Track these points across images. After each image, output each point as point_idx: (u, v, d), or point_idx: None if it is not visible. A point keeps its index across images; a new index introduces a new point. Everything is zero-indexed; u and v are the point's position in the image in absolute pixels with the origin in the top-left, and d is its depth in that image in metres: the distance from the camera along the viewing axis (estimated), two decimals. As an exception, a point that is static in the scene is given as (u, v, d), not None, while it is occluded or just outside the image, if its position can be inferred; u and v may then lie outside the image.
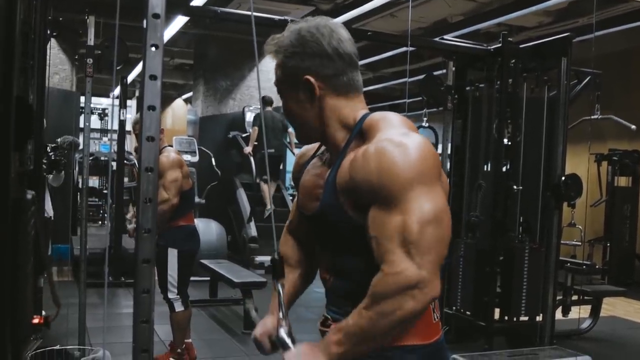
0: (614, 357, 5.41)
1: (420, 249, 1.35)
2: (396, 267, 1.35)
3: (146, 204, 1.57)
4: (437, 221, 1.38)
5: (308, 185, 1.67)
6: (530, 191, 5.32)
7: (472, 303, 5.34)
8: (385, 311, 1.36)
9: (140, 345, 1.58)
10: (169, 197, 4.25)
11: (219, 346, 5.27)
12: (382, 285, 1.37)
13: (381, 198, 1.40)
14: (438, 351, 1.56)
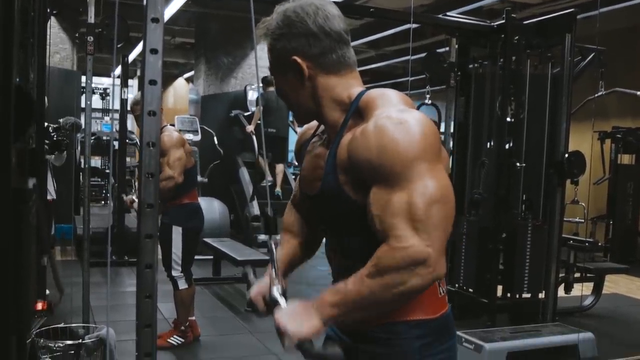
0: (616, 334, 5.42)
1: (428, 227, 1.34)
2: (404, 241, 1.34)
3: (148, 178, 1.56)
4: (443, 200, 1.37)
5: (309, 166, 1.66)
6: (533, 168, 5.31)
7: (474, 280, 5.35)
8: (389, 284, 1.35)
9: (144, 321, 1.58)
10: (173, 175, 4.24)
11: (223, 324, 5.30)
12: (388, 258, 1.35)
13: (383, 177, 1.39)
14: (444, 325, 1.56)
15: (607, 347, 4.82)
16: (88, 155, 4.37)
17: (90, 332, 3.73)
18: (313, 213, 1.72)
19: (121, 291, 6.12)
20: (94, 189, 11.49)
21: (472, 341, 4.38)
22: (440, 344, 1.54)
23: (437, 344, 1.53)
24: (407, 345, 1.50)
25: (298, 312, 1.44)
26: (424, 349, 1.51)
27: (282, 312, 1.46)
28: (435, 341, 1.52)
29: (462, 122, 5.63)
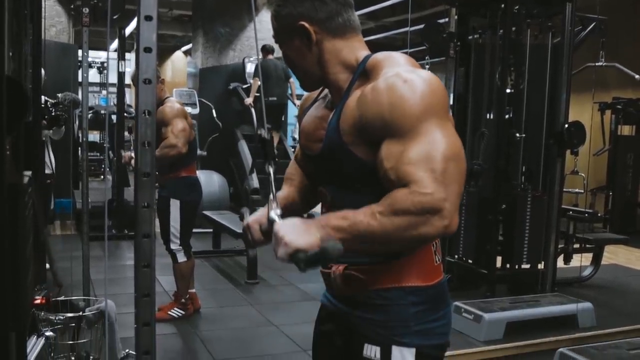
0: (615, 304, 5.44)
1: (445, 179, 1.32)
2: (424, 187, 1.31)
3: (145, 147, 1.55)
4: (457, 157, 1.37)
5: (310, 127, 1.65)
6: (533, 139, 5.30)
7: (474, 251, 5.36)
8: (401, 225, 1.32)
9: (142, 290, 1.57)
10: (176, 143, 4.20)
11: (223, 296, 5.32)
12: (406, 201, 1.31)
13: (395, 131, 1.37)
14: (440, 293, 1.56)
15: (605, 317, 4.84)
16: (86, 129, 4.34)
17: (91, 304, 3.74)
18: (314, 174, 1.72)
19: (121, 264, 6.14)
20: (93, 164, 11.48)
21: (471, 311, 4.41)
22: (436, 311, 1.54)
23: (432, 311, 1.53)
24: (402, 311, 1.51)
25: (299, 226, 1.38)
26: (420, 316, 1.51)
27: (282, 224, 1.40)
28: (430, 308, 1.53)
29: (461, 93, 5.59)
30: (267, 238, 1.59)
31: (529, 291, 5.19)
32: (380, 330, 1.52)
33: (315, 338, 1.77)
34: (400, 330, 1.51)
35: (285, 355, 3.93)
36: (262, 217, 1.62)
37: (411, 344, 1.50)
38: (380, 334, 1.52)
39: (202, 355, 3.94)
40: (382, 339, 1.51)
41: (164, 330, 4.20)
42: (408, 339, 1.50)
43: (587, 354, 3.66)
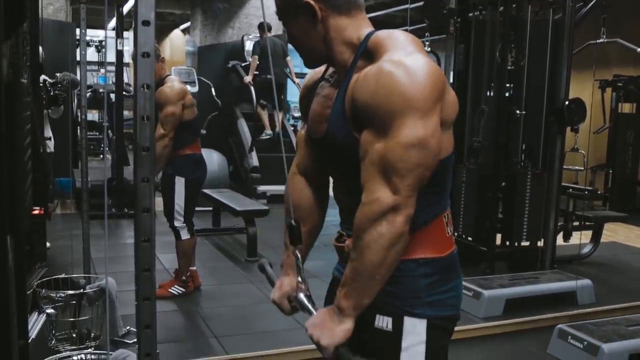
0: (614, 282, 5.46)
1: (399, 172, 1.35)
2: (372, 194, 1.38)
3: (144, 121, 1.54)
4: (421, 146, 1.36)
5: (317, 107, 1.64)
6: (533, 116, 5.28)
7: (474, 228, 5.37)
8: (368, 243, 1.39)
9: (142, 265, 1.57)
10: (163, 134, 4.19)
11: (223, 273, 5.33)
12: (359, 218, 1.40)
13: (374, 121, 1.39)
14: (451, 264, 1.57)
15: (604, 294, 4.86)
16: (85, 108, 4.32)
17: (91, 282, 3.75)
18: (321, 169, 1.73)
19: (121, 243, 6.15)
20: (92, 143, 11.44)
21: (471, 288, 4.43)
22: (447, 282, 1.55)
23: (444, 283, 1.54)
24: (415, 282, 1.51)
25: (325, 322, 1.48)
26: (432, 287, 1.52)
27: (312, 326, 1.50)
28: (442, 279, 1.54)
29: (461, 70, 5.57)
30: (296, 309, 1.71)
31: (528, 268, 5.21)
32: (392, 301, 1.52)
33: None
34: (412, 302, 1.51)
35: (285, 332, 3.94)
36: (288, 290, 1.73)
37: (423, 315, 1.51)
38: (392, 305, 1.52)
39: (203, 331, 3.96)
40: (394, 310, 1.52)
41: (165, 308, 4.21)
42: (420, 310, 1.51)
43: (585, 330, 3.68)
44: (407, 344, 1.51)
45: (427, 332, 1.52)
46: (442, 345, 1.59)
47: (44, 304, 3.47)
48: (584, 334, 3.63)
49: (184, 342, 3.79)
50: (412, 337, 1.51)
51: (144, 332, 1.60)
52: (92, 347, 3.45)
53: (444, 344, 1.59)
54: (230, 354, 3.53)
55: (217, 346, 3.72)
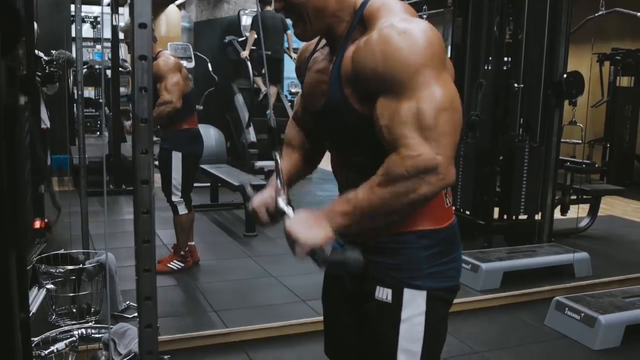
0: (611, 254, 5.49)
1: (437, 134, 1.32)
2: (414, 150, 1.32)
3: (141, 93, 1.53)
4: (451, 107, 1.35)
5: (312, 82, 1.63)
6: (531, 89, 5.26)
7: (471, 202, 5.38)
8: (400, 192, 1.34)
9: (142, 236, 1.57)
10: (171, 99, 4.19)
11: (222, 248, 5.35)
12: (398, 167, 1.33)
13: (389, 86, 1.36)
14: (451, 236, 1.57)
15: (601, 266, 4.89)
16: (81, 84, 4.29)
17: (90, 257, 3.76)
18: (317, 129, 1.71)
19: (120, 219, 6.16)
20: (89, 120, 11.40)
21: (469, 261, 4.45)
22: (447, 254, 1.55)
23: (444, 254, 1.55)
24: (415, 255, 1.52)
25: (309, 221, 1.42)
26: (432, 259, 1.52)
27: (292, 221, 1.44)
28: (442, 251, 1.54)
29: (459, 43, 5.54)
30: (275, 220, 1.64)
31: (526, 242, 5.23)
32: (392, 273, 1.53)
33: (326, 283, 1.79)
34: (412, 273, 1.52)
35: (284, 306, 3.97)
36: (267, 199, 1.64)
37: (423, 286, 1.52)
38: (392, 276, 1.53)
39: (202, 306, 3.98)
40: (394, 282, 1.53)
41: (164, 283, 4.23)
42: (420, 282, 1.52)
43: (582, 302, 3.71)
44: (407, 315, 1.52)
45: (426, 303, 1.52)
46: (442, 316, 1.60)
47: (43, 280, 3.48)
48: (581, 305, 3.65)
49: (184, 316, 3.82)
50: (412, 309, 1.52)
51: (144, 303, 1.61)
52: (92, 321, 3.46)
53: (443, 315, 1.60)
54: (229, 327, 3.56)
55: (216, 320, 3.74)
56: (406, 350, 1.54)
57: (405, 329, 1.53)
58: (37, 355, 2.56)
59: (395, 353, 1.54)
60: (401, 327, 1.52)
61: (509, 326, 3.79)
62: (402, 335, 1.53)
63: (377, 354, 1.60)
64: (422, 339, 1.54)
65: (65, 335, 2.81)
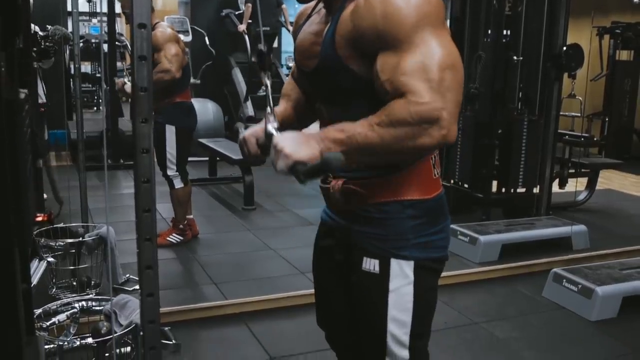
0: (609, 227, 5.51)
1: (442, 88, 1.31)
2: (420, 97, 1.30)
3: (141, 62, 1.52)
4: (454, 66, 1.35)
5: (305, 43, 1.62)
6: (530, 62, 5.24)
7: (470, 176, 5.38)
8: (399, 136, 1.32)
9: (142, 206, 1.57)
10: (170, 68, 4.16)
11: (221, 222, 5.36)
12: (403, 111, 1.31)
13: (390, 42, 1.35)
14: (438, 207, 1.57)
15: (599, 239, 4.91)
16: (78, 58, 4.27)
17: (90, 231, 3.77)
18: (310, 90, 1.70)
19: (118, 193, 6.16)
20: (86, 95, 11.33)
21: (467, 234, 4.46)
22: (434, 224, 1.55)
23: (430, 225, 1.54)
24: (400, 224, 1.52)
25: (298, 138, 1.39)
26: (418, 229, 1.52)
27: (282, 136, 1.40)
28: (429, 222, 1.54)
29: (458, 16, 5.50)
30: (264, 152, 1.59)
31: (524, 215, 5.25)
32: (379, 243, 1.53)
33: (315, 254, 1.79)
34: (399, 244, 1.52)
35: (283, 278, 3.99)
36: (258, 131, 1.60)
37: (410, 257, 1.52)
38: (379, 247, 1.53)
39: (202, 279, 4.00)
40: (381, 252, 1.53)
41: (163, 256, 4.24)
42: (407, 252, 1.52)
43: (580, 274, 3.73)
44: (395, 286, 1.53)
45: (414, 273, 1.53)
46: (431, 286, 1.60)
47: (43, 253, 3.50)
48: (578, 277, 3.68)
49: (183, 289, 3.84)
50: (400, 279, 1.53)
51: (145, 272, 1.61)
52: (92, 294, 3.48)
53: (432, 285, 1.61)
54: (229, 299, 3.57)
55: (215, 292, 3.76)
56: (396, 320, 1.55)
57: (394, 299, 1.53)
58: (38, 327, 2.58)
59: (385, 323, 1.55)
60: (390, 298, 1.53)
61: (507, 298, 3.81)
62: (391, 305, 1.53)
63: (367, 324, 1.61)
64: (411, 308, 1.54)
65: (66, 307, 2.82)
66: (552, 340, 3.27)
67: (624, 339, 3.27)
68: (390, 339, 1.56)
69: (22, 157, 1.31)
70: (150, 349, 1.67)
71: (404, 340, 1.56)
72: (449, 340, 3.18)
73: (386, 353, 1.58)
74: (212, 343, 3.12)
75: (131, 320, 2.48)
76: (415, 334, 1.57)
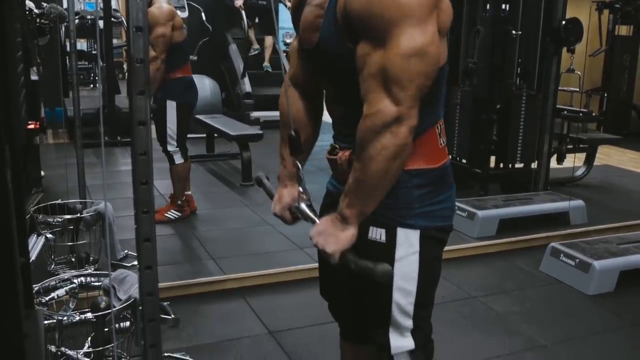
0: (606, 203, 5.52)
1: (400, 83, 1.33)
2: (373, 106, 1.36)
3: (137, 33, 1.50)
4: (421, 54, 1.34)
5: (309, 16, 1.60)
6: (529, 36, 5.20)
7: (468, 151, 5.37)
8: (372, 155, 1.37)
9: (139, 178, 1.57)
10: (155, 55, 4.13)
11: (219, 198, 5.36)
12: (362, 130, 1.38)
13: (369, 31, 1.37)
14: (444, 175, 1.57)
15: (597, 214, 4.93)
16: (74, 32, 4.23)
17: (88, 207, 3.76)
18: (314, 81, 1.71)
19: (116, 170, 6.14)
20: (82, 72, 11.28)
21: (465, 209, 4.47)
22: (440, 193, 1.56)
23: (437, 194, 1.55)
24: (407, 194, 1.52)
25: (329, 230, 1.48)
26: (424, 198, 1.53)
27: (316, 234, 1.50)
28: (434, 191, 1.54)
29: (457, -10, 5.46)
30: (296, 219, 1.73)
31: (522, 190, 5.25)
32: (385, 213, 1.53)
33: None
34: (405, 213, 1.53)
35: (281, 253, 4.00)
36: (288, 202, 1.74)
37: (416, 225, 1.53)
38: (385, 216, 1.53)
39: (200, 254, 4.01)
40: (387, 222, 1.54)
41: (162, 232, 4.25)
42: (412, 221, 1.53)
43: (577, 248, 3.74)
44: (401, 255, 1.54)
45: (420, 242, 1.54)
46: (436, 256, 1.61)
47: (41, 229, 3.49)
48: (576, 251, 3.69)
49: (182, 264, 3.84)
50: (406, 248, 1.53)
51: (143, 245, 1.61)
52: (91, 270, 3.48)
53: (437, 254, 1.62)
54: (227, 274, 3.58)
55: (214, 267, 3.77)
56: (401, 289, 1.55)
57: (400, 268, 1.54)
58: (38, 302, 2.58)
59: (391, 292, 1.56)
60: (396, 267, 1.53)
61: (505, 272, 3.83)
62: (397, 274, 1.54)
63: (372, 294, 1.61)
64: (416, 277, 1.55)
65: (65, 283, 2.82)
66: (549, 314, 3.29)
67: (620, 313, 3.29)
68: (395, 309, 1.57)
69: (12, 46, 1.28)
70: (149, 321, 1.67)
71: (409, 310, 1.57)
72: (448, 314, 3.19)
73: (390, 322, 1.58)
74: (211, 317, 3.14)
75: (130, 294, 2.48)
76: (420, 304, 1.58)
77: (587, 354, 2.87)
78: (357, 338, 1.81)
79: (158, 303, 1.73)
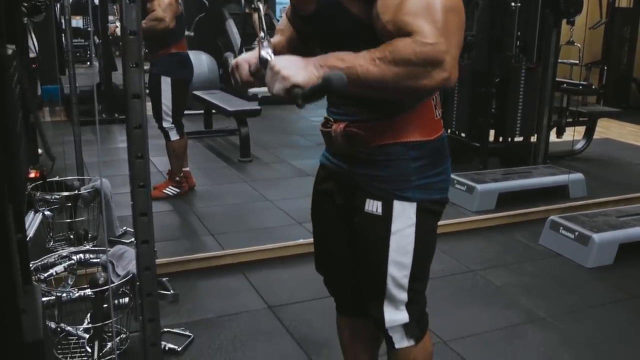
0: (606, 176, 5.50)
1: (447, 31, 1.27)
2: (428, 37, 1.26)
3: (130, 4, 1.48)
4: (456, 8, 1.32)
5: None
6: (528, 8, 5.15)
7: (467, 125, 5.35)
8: (401, 74, 1.28)
9: (135, 152, 1.56)
10: (164, 17, 4.09)
11: (217, 174, 5.35)
12: (408, 50, 1.27)
13: None
14: (440, 148, 1.56)
15: (596, 187, 4.91)
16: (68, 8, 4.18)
17: (86, 184, 3.75)
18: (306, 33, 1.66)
19: (113, 147, 6.12)
20: (78, 50, 11.20)
21: (464, 183, 4.46)
22: (436, 166, 1.54)
23: (433, 166, 1.53)
24: (403, 166, 1.50)
25: (297, 62, 1.35)
26: (420, 170, 1.51)
27: (280, 59, 1.37)
28: (430, 163, 1.53)
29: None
30: (256, 79, 1.55)
31: (521, 164, 5.23)
32: (382, 185, 1.52)
33: (315, 197, 1.77)
34: (402, 185, 1.51)
35: (280, 228, 3.99)
36: (251, 57, 1.56)
37: (412, 198, 1.52)
38: (381, 189, 1.52)
39: (199, 230, 4.00)
40: (384, 194, 1.52)
41: (160, 208, 4.24)
42: (409, 194, 1.51)
43: (577, 221, 3.73)
44: (397, 227, 1.53)
45: (416, 215, 1.53)
46: (432, 228, 1.61)
47: (39, 207, 3.48)
48: (575, 224, 3.68)
49: (181, 240, 3.84)
50: (402, 220, 1.52)
51: (140, 219, 1.60)
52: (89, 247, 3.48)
53: (433, 227, 1.61)
54: (226, 249, 3.58)
55: (213, 243, 3.76)
56: (396, 262, 1.55)
57: (396, 241, 1.53)
58: (37, 279, 2.58)
59: (386, 265, 1.55)
60: (392, 239, 1.53)
61: (504, 245, 3.82)
62: (393, 247, 1.53)
63: (367, 267, 1.61)
64: (412, 250, 1.54)
65: (63, 259, 2.82)
66: (548, 287, 3.28)
67: (619, 285, 3.29)
68: (390, 282, 1.56)
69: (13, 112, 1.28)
70: (147, 295, 1.67)
71: (404, 283, 1.56)
72: (447, 288, 3.19)
73: (385, 295, 1.58)
74: (210, 293, 3.13)
75: (128, 270, 2.48)
76: (415, 277, 1.57)
77: (586, 326, 2.87)
78: (353, 312, 1.81)
79: (155, 277, 1.72)
